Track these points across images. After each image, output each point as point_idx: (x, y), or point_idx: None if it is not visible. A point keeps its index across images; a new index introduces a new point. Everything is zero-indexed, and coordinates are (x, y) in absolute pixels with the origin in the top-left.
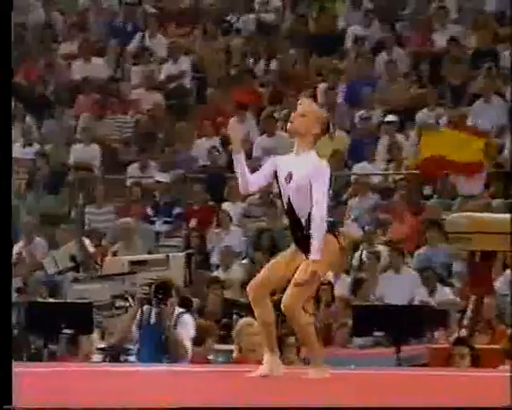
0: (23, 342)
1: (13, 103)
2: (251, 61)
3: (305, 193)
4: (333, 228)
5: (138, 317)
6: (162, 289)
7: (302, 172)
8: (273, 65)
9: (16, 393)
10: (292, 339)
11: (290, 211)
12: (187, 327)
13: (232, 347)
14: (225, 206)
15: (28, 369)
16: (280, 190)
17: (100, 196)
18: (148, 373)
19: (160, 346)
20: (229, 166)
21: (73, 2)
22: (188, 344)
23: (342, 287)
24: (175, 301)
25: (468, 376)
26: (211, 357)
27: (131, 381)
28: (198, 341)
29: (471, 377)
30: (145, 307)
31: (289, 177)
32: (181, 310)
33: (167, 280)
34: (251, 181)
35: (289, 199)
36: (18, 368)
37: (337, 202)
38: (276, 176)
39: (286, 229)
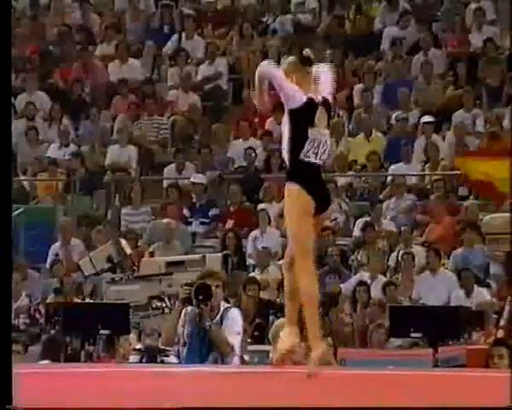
0: (60, 343)
1: (50, 104)
2: None
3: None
4: (295, 178)
5: (182, 317)
6: (202, 290)
7: None
8: None
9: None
10: (329, 340)
11: None
12: (233, 322)
13: (267, 347)
14: (261, 207)
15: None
16: None
17: (136, 198)
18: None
19: (205, 345)
20: (266, 167)
21: (110, 3)
22: (233, 340)
23: (378, 289)
24: (220, 297)
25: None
26: (247, 358)
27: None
28: None
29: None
30: (190, 308)
31: None
32: (227, 305)
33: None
34: None
35: None
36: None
37: (373, 202)
38: None
39: (324, 229)
